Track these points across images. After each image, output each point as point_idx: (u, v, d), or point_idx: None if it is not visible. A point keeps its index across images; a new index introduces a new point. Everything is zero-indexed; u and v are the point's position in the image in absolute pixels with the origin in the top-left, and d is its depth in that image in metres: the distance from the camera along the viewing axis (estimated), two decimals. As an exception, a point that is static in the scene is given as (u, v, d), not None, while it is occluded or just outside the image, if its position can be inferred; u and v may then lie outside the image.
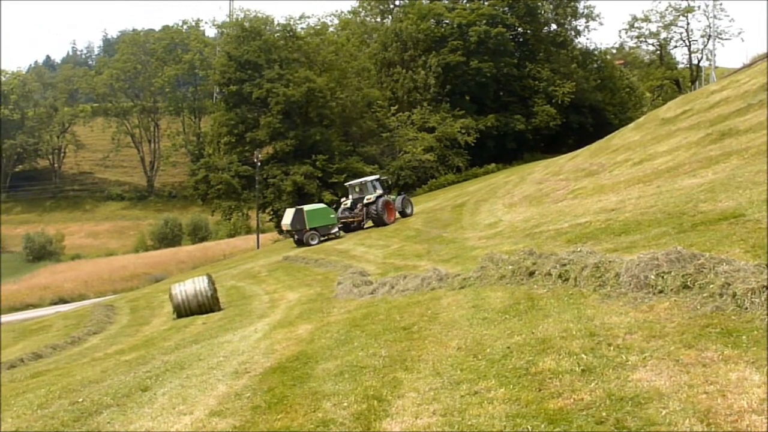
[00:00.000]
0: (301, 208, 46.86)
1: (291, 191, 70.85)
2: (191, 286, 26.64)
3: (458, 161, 77.39)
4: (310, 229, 45.17)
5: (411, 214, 45.42)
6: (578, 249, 13.65)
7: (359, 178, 56.05)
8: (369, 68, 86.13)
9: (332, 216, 45.50)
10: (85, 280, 69.47)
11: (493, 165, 77.38)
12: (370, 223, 45.32)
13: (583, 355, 8.33)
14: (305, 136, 73.83)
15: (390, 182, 59.15)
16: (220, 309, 26.43)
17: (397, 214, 45.45)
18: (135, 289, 58.08)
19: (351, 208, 46.05)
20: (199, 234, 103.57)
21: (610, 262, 11.80)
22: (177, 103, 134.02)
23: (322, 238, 44.95)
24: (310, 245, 44.63)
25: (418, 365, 9.50)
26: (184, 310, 26.34)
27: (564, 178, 34.29)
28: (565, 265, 12.65)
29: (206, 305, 26.28)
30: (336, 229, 45.33)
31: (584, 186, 29.28)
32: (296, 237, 45.79)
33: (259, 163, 72.86)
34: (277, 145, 75.27)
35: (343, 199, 47.60)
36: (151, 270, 71.78)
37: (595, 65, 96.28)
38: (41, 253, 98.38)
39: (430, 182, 75.45)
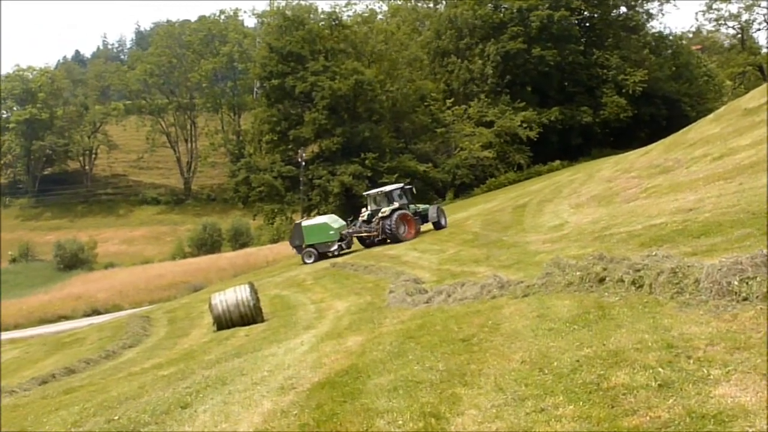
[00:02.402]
0: (299, 223, 47.34)
1: (338, 192, 71.12)
2: (232, 296, 26.69)
3: (519, 158, 77.12)
4: (308, 246, 45.49)
5: (445, 226, 44.69)
6: (653, 253, 13.49)
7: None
8: (421, 58, 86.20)
9: (331, 233, 45.29)
10: (119, 289, 70.23)
11: (558, 162, 76.98)
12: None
13: (659, 369, 8.22)
14: (353, 133, 74.11)
15: (435, 186, 58.58)
16: (263, 320, 26.47)
17: (430, 226, 44.96)
18: (172, 299, 58.41)
19: (368, 221, 45.20)
20: (240, 240, 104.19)
21: (688, 267, 11.62)
22: (215, 99, 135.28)
23: (318, 257, 45.09)
24: (306, 263, 44.99)
25: (479, 380, 9.45)
26: (225, 322, 26.38)
27: (636, 176, 33.98)
28: (638, 270, 12.50)
29: (248, 316, 26.27)
30: (335, 247, 45.03)
31: (658, 184, 28.98)
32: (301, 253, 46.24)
33: (303, 163, 73.27)
34: (323, 143, 75.73)
35: (363, 210, 46.75)
36: (190, 278, 72.00)
37: (670, 51, 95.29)
38: (73, 261, 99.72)
39: (489, 181, 75.45)
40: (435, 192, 75.73)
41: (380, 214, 43.64)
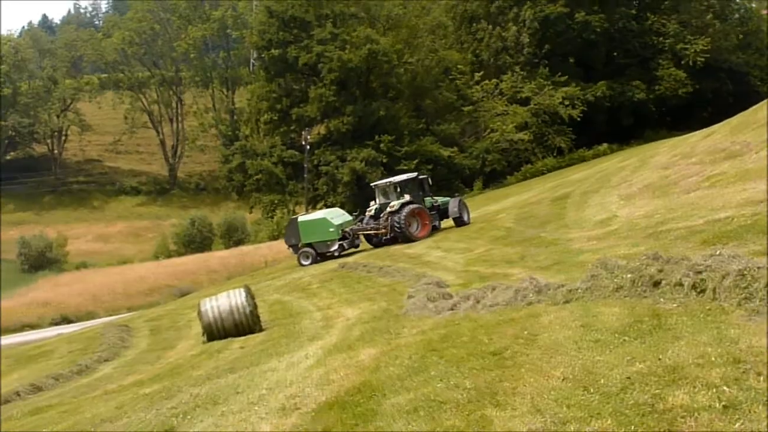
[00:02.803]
0: (295, 218, 47.40)
1: (348, 181, 71.01)
2: (225, 302, 26.61)
3: (560, 141, 76.86)
4: (305, 245, 45.62)
5: (468, 222, 44.48)
6: (717, 252, 13.39)
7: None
8: (446, 24, 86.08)
9: (331, 230, 45.15)
10: (93, 294, 70.45)
11: (605, 146, 76.81)
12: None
13: (724, 388, 8.22)
14: (366, 112, 74.00)
15: (469, 171, 58.21)
16: (261, 329, 26.49)
17: (451, 222, 44.86)
18: (155, 306, 58.77)
19: (376, 216, 45.10)
20: (234, 236, 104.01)
21: (758, 268, 11.56)
22: (205, 73, 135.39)
23: (317, 258, 45.23)
24: (303, 265, 45.18)
25: (513, 400, 9.47)
26: (217, 331, 26.31)
27: (697, 162, 33.84)
28: (700, 272, 12.48)
29: (244, 325, 26.23)
30: (336, 246, 45.05)
31: (724, 171, 28.86)
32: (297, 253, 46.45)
33: (308, 147, 73.18)
34: (331, 123, 75.75)
35: (371, 203, 46.29)
36: (176, 281, 72.53)
37: (737, 16, 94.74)
38: (39, 261, 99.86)
39: (524, 168, 75.36)
40: (461, 181, 75.70)
41: (389, 209, 43.43)
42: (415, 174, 47.30)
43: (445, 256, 33.73)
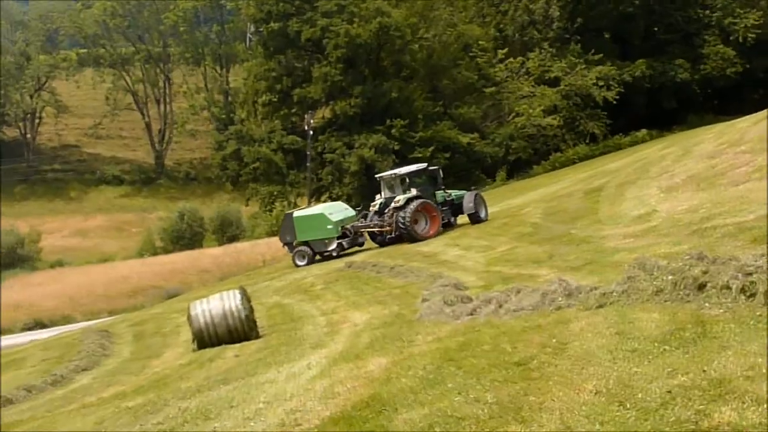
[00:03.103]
0: (290, 213, 47.28)
1: (356, 171, 70.86)
2: (218, 305, 26.62)
3: (593, 127, 76.63)
4: (301, 244, 45.63)
5: (485, 219, 43.85)
6: (769, 251, 13.38)
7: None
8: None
9: (329, 227, 44.98)
10: (70, 296, 70.44)
11: (644, 131, 76.62)
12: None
13: (777, 403, 8.18)
14: (376, 94, 73.92)
15: (493, 159, 57.90)
16: (258, 336, 26.50)
17: (466, 219, 44.27)
18: (140, 309, 58.71)
19: (381, 212, 44.66)
20: (228, 232, 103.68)
21: (816, 270, 11.58)
22: (196, 49, 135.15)
23: (315, 258, 45.32)
24: (298, 266, 45.21)
25: (540, 416, 9.48)
26: (209, 338, 26.34)
27: (747, 150, 33.73)
28: (749, 274, 12.50)
29: (239, 330, 26.34)
30: (334, 245, 44.96)
31: (777, 161, 28.78)
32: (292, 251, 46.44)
33: (311, 132, 73.13)
34: (337, 106, 75.67)
35: (377, 197, 45.70)
36: (163, 282, 72.36)
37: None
38: (10, 258, 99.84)
39: (553, 157, 75.24)
40: (482, 171, 75.73)
41: (393, 204, 43.04)
42: (424, 165, 46.82)
43: (463, 254, 33.60)
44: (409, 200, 42.21)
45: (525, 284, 19.81)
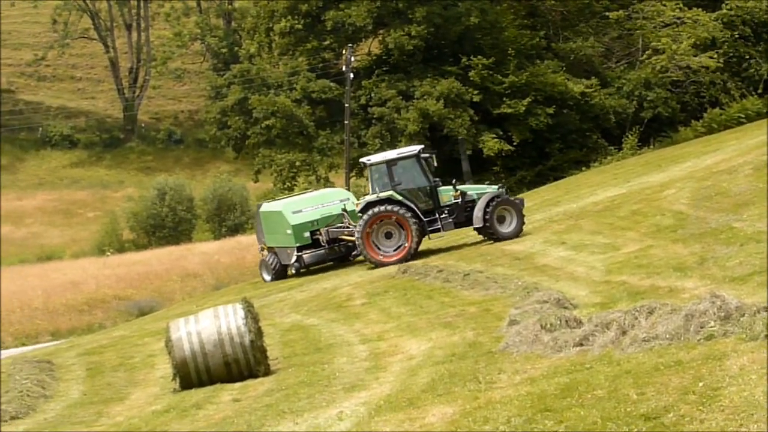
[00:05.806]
0: (259, 206, 43.89)
1: (416, 132, 61.63)
2: (211, 325, 22.88)
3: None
4: (270, 249, 41.06)
5: (511, 236, 35.46)
6: None
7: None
8: None
9: (288, 232, 38.95)
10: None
11: None
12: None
13: None
14: (446, 18, 65.22)
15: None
16: (268, 372, 22.98)
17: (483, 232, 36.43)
18: (97, 330, 51.58)
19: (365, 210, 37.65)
20: (227, 219, 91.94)
21: None
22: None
23: (278, 272, 40.38)
24: (265, 281, 41.32)
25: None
26: (197, 374, 22.64)
27: None
28: None
29: (241, 363, 22.81)
30: (293, 259, 38.96)
31: None
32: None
33: (351, 75, 63.82)
34: (390, 36, 66.07)
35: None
36: (131, 291, 64.05)
37: None
38: None
39: (709, 114, 66.05)
40: (602, 134, 68.15)
41: (356, 208, 36.83)
42: (416, 149, 38.52)
43: (572, 256, 30.48)
44: (368, 205, 35.72)
45: (662, 302, 18.13)
